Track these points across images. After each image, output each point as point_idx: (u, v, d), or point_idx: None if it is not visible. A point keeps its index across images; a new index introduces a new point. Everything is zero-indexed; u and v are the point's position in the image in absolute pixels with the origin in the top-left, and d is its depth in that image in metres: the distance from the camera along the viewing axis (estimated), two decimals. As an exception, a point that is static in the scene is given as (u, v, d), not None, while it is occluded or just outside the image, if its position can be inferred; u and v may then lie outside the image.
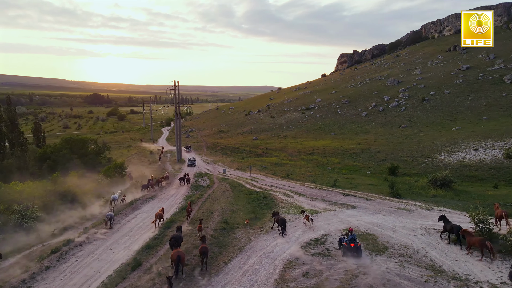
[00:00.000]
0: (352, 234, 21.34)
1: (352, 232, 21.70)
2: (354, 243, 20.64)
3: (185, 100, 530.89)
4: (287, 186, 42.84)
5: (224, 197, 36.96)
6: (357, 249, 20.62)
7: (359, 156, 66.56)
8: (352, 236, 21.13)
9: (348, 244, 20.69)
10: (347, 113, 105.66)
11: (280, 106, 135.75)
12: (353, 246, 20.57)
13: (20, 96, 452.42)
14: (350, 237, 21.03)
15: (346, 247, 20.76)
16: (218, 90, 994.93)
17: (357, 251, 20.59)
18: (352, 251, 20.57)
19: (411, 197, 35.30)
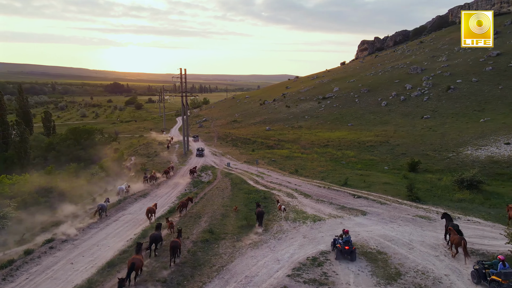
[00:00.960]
0: (347, 236, 20.08)
1: (347, 234, 20.33)
2: (349, 246, 19.55)
3: (204, 89, 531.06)
4: (293, 184, 38.73)
5: (220, 197, 33.24)
6: (352, 253, 19.56)
7: (377, 149, 61.60)
8: (346, 238, 19.93)
9: (343, 247, 19.55)
10: (366, 102, 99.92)
11: (296, 95, 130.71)
12: (347, 249, 19.46)
13: (43, 85, 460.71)
14: (345, 239, 19.85)
15: (340, 249, 19.62)
16: (237, 79, 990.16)
17: (351, 255, 19.55)
18: (346, 254, 19.56)
19: (433, 201, 30.58)
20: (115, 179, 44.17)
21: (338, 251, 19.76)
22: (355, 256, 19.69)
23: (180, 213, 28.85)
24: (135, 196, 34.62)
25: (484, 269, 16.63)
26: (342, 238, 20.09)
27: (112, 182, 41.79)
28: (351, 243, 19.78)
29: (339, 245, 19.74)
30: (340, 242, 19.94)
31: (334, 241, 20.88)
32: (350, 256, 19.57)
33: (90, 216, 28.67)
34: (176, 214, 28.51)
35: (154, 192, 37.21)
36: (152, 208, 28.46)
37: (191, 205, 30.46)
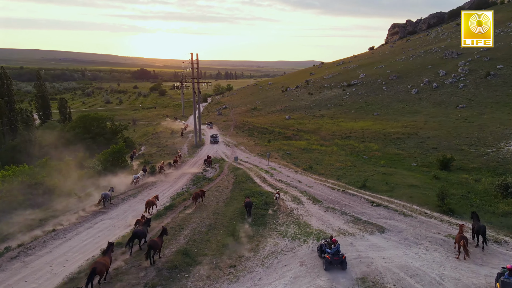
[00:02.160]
0: (336, 246, 18.48)
1: (336, 244, 18.61)
2: (338, 256, 18.08)
3: (229, 75, 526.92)
4: (304, 185, 33.93)
5: (215, 201, 28.97)
6: (342, 262, 18.10)
7: (404, 142, 55.57)
8: (336, 248, 18.38)
9: (332, 258, 18.05)
10: (394, 90, 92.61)
11: (320, 82, 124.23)
12: (337, 259, 18.01)
13: (74, 71, 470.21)
14: (334, 249, 18.30)
15: (329, 260, 18.06)
16: (264, 65, 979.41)
17: (342, 265, 18.11)
18: (336, 264, 18.10)
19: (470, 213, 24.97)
20: (114, 172, 40.76)
21: (327, 262, 18.12)
22: (346, 265, 18.11)
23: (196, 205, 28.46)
24: (122, 196, 30.87)
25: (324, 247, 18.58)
26: (331, 248, 18.50)
27: (109, 177, 38.31)
28: (340, 251, 18.32)
29: (328, 256, 18.11)
30: (329, 252, 18.29)
31: (321, 247, 19.33)
32: (341, 265, 18.08)
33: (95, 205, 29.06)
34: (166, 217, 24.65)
35: (146, 191, 33.39)
36: (152, 201, 27.72)
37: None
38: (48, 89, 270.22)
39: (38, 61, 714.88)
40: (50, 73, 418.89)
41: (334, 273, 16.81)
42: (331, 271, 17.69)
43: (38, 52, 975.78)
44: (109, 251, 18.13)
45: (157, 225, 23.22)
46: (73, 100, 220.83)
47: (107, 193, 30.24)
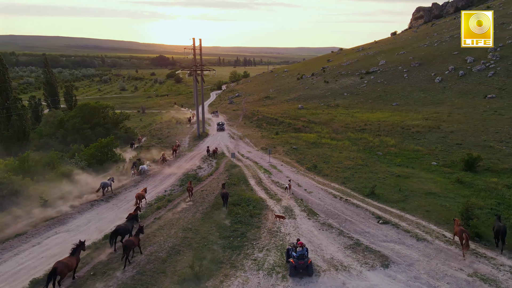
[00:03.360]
0: (302, 249, 17.53)
1: (303, 246, 17.72)
2: (304, 261, 17.09)
3: (247, 62, 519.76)
4: (303, 189, 29.44)
5: (193, 211, 24.77)
6: (308, 267, 17.18)
7: (424, 136, 50.15)
8: (301, 251, 17.40)
9: (296, 262, 17.03)
10: (416, 78, 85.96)
11: (336, 69, 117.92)
12: (302, 264, 17.01)
13: (94, 58, 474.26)
14: (299, 253, 17.31)
15: (294, 265, 17.02)
16: (284, 51, 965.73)
17: (308, 270, 17.19)
18: (301, 269, 17.13)
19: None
20: (97, 171, 37.27)
21: (291, 267, 17.09)
22: (312, 270, 17.19)
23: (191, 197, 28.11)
24: (86, 204, 27.08)
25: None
26: (296, 251, 17.33)
27: (92, 175, 34.79)
28: (306, 256, 17.29)
29: (292, 261, 17.05)
30: (294, 255, 17.19)
31: (288, 251, 18.21)
32: (307, 271, 17.13)
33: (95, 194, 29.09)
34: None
35: (124, 194, 29.65)
36: (141, 194, 27.31)
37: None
38: (67, 76, 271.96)
39: (61, 47, 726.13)
40: (71, 59, 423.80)
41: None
42: (294, 276, 16.64)
43: (61, 39, 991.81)
44: (78, 251, 17.57)
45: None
46: (89, 87, 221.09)
47: (106, 182, 30.67)
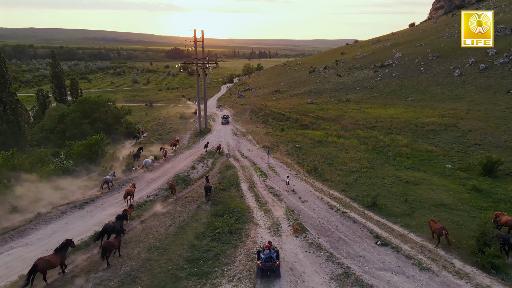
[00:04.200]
0: (270, 252, 16.94)
1: (271, 248, 17.13)
2: (271, 263, 16.49)
3: (263, 54, 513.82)
4: (297, 198, 26.51)
5: (168, 223, 22.02)
6: (275, 270, 16.59)
7: (440, 135, 46.45)
8: (268, 254, 16.82)
9: (263, 264, 16.50)
10: (434, 71, 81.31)
11: (350, 62, 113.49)
12: (269, 266, 16.43)
13: (110, 51, 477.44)
14: (266, 255, 16.75)
15: (261, 267, 16.50)
16: (299, 44, 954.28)
17: (275, 272, 16.63)
18: (269, 271, 16.63)
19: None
20: (82, 171, 35.08)
21: (258, 268, 16.87)
22: (280, 273, 16.94)
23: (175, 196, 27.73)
24: (64, 207, 24.77)
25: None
26: (264, 254, 17.11)
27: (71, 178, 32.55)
28: (274, 258, 16.91)
29: (259, 263, 16.85)
30: (262, 257, 16.93)
31: (259, 253, 17.77)
32: (274, 273, 16.90)
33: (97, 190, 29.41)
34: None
35: (101, 200, 27.21)
36: (130, 190, 27.11)
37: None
38: (81, 68, 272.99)
39: (79, 40, 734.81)
40: (87, 52, 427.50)
41: None
42: (261, 278, 16.43)
43: (79, 31, 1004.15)
44: (63, 249, 17.43)
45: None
46: (103, 80, 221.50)
47: (107, 178, 30.95)
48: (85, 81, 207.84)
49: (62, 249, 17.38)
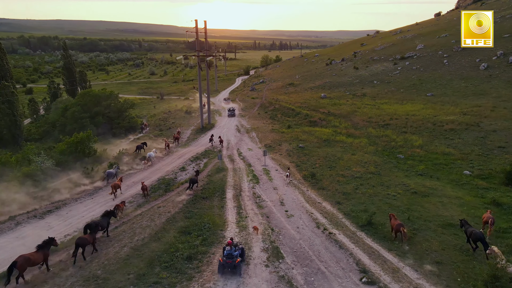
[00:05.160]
0: (231, 249, 16.98)
1: (232, 246, 17.08)
2: (232, 260, 16.46)
3: (284, 46, 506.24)
4: (283, 212, 23.18)
5: (121, 244, 18.78)
6: (235, 267, 16.45)
7: (459, 136, 42.06)
8: (229, 251, 16.88)
9: (224, 261, 16.54)
10: (458, 64, 75.57)
11: (369, 54, 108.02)
12: (229, 263, 16.40)
13: (131, 42, 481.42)
14: (227, 252, 16.81)
15: (222, 263, 16.56)
16: (322, 35, 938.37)
17: (235, 269, 16.49)
18: (229, 268, 16.49)
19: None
20: (63, 171, 32.81)
21: (219, 264, 16.72)
22: (240, 271, 16.51)
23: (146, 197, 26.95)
24: (23, 217, 22.25)
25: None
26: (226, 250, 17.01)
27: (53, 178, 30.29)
28: (235, 256, 16.71)
29: (221, 259, 16.75)
30: (225, 253, 16.87)
31: (224, 249, 17.49)
32: (234, 270, 16.49)
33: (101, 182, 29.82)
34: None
35: (73, 205, 24.68)
36: (117, 184, 27.42)
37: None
38: (102, 60, 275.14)
39: (102, 32, 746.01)
40: (109, 43, 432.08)
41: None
42: (222, 273, 16.38)
43: (103, 23, 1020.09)
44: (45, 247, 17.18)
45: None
46: (121, 71, 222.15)
47: (111, 171, 31.18)
48: (103, 73, 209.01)
49: (44, 247, 17.16)
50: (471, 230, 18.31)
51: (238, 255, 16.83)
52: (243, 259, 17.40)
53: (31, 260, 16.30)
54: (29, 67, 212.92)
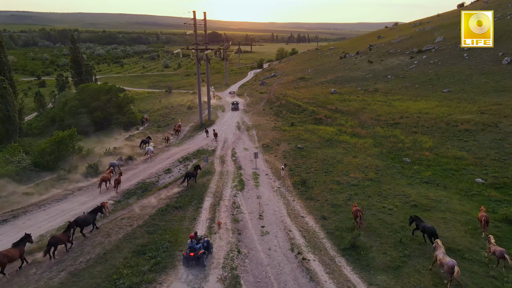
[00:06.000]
0: (192, 242, 17.14)
1: (194, 239, 17.28)
2: (194, 253, 16.79)
3: (302, 38, 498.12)
4: (258, 228, 20.41)
5: (62, 266, 16.26)
6: (198, 259, 16.88)
7: (474, 137, 38.37)
8: (190, 244, 17.10)
9: (187, 253, 16.82)
10: (479, 58, 70.72)
11: (384, 47, 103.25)
12: (192, 255, 16.74)
13: (149, 35, 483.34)
14: (189, 245, 17.09)
15: (185, 257, 16.90)
16: (342, 27, 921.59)
17: (198, 261, 16.95)
18: (193, 260, 16.84)
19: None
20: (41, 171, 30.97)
21: (183, 257, 17.04)
22: (203, 261, 16.91)
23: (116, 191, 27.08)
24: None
25: None
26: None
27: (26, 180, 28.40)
28: (196, 248, 16.98)
29: (184, 252, 17.09)
30: (188, 247, 17.11)
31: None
32: (197, 262, 16.88)
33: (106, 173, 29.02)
34: None
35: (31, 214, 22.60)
36: (106, 177, 27.69)
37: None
38: (118, 52, 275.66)
39: (122, 24, 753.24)
40: (127, 36, 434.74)
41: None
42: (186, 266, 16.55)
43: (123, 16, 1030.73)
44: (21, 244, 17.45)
45: None
46: (136, 64, 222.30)
47: (114, 162, 32.05)
48: (117, 66, 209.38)
49: (20, 243, 17.42)
50: (423, 225, 18.55)
51: (201, 248, 17.09)
52: (209, 251, 17.86)
53: (8, 256, 16.51)
54: (46, 59, 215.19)
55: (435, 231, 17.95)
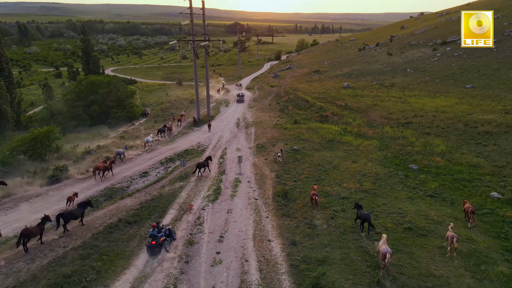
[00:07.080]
0: (153, 230, 17.41)
1: (155, 228, 17.57)
2: (156, 240, 17.02)
3: (326, 29, 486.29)
4: (213, 254, 16.98)
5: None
6: (160, 245, 17.23)
7: (495, 141, 33.88)
8: (151, 232, 17.34)
9: (149, 242, 16.98)
10: (508, 51, 64.53)
11: (406, 39, 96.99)
12: (154, 244, 16.91)
13: (172, 26, 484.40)
14: (150, 233, 17.31)
15: (148, 246, 17.01)
16: (369, 18, 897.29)
17: (159, 248, 17.18)
18: (155, 247, 16.98)
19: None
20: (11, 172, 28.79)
21: (147, 247, 17.08)
22: (166, 247, 17.54)
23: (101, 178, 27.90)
24: None
25: None
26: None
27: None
28: (157, 236, 17.22)
29: (147, 242, 17.11)
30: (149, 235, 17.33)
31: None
32: (159, 249, 17.16)
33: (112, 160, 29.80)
34: None
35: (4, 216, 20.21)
36: (99, 166, 27.87)
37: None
38: (139, 43, 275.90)
39: (147, 15, 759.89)
40: (150, 27, 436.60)
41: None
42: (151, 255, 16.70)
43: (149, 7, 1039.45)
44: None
45: None
46: (155, 55, 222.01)
47: (119, 151, 33.34)
48: (136, 57, 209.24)
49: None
50: (361, 212, 19.29)
51: (162, 236, 17.41)
52: (172, 237, 18.44)
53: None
54: (68, 50, 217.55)
55: (369, 217, 18.77)
